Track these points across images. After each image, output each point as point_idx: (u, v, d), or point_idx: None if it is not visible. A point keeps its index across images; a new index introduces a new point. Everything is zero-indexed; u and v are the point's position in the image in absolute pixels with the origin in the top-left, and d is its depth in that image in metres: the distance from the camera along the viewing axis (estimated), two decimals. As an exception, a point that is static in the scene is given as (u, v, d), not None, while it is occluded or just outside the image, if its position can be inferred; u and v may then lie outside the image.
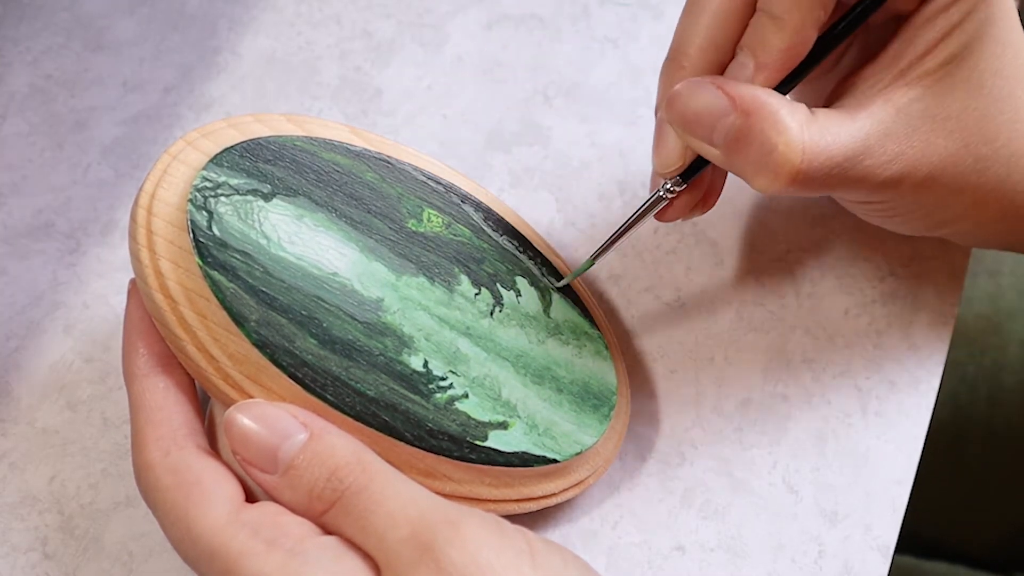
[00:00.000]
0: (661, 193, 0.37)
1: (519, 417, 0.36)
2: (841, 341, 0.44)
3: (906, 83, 0.36)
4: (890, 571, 0.40)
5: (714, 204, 0.39)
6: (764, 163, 0.34)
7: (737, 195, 0.46)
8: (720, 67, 0.36)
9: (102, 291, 0.43)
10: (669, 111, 0.35)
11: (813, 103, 0.38)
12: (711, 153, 0.35)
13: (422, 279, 0.37)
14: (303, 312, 0.34)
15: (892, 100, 0.36)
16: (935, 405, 0.43)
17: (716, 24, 0.36)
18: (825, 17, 0.34)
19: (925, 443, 0.42)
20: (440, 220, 0.39)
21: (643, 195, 0.46)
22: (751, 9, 0.36)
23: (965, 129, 0.36)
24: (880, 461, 0.41)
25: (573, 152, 0.47)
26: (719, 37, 0.36)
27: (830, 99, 0.38)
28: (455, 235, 0.39)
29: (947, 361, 0.44)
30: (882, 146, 0.35)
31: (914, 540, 0.62)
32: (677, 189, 0.37)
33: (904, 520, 0.41)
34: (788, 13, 0.34)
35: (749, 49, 0.35)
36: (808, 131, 0.34)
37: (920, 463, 0.42)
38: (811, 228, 0.46)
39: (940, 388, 0.43)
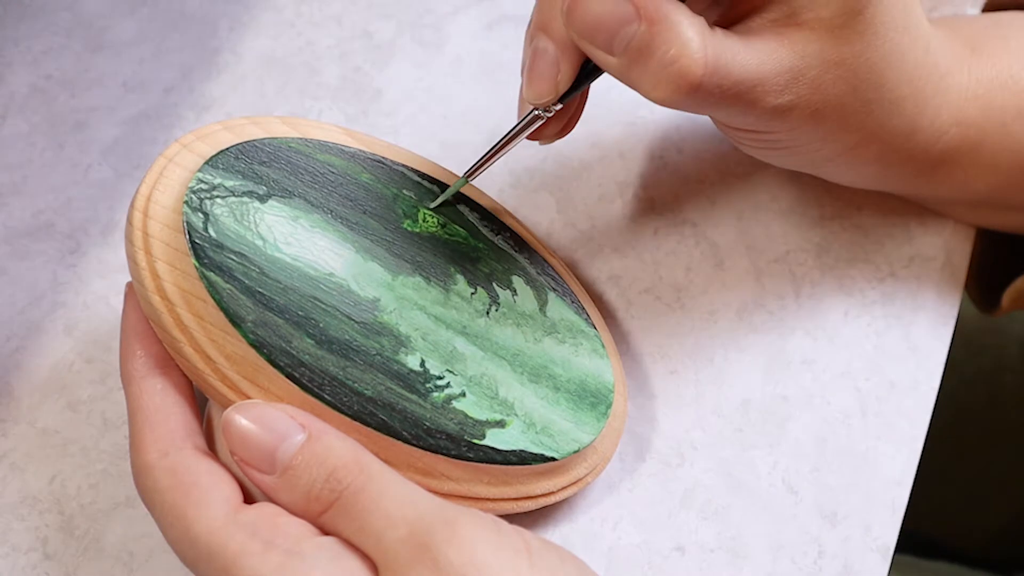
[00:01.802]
0: (539, 112, 0.37)
1: (516, 415, 0.36)
2: (841, 342, 0.44)
3: (800, 26, 0.36)
4: (890, 570, 0.40)
5: (574, 126, 0.39)
6: (664, 74, 0.34)
7: (737, 196, 0.46)
8: None
9: (102, 291, 0.43)
10: (570, 17, 0.34)
11: None
12: (608, 62, 0.34)
13: (418, 279, 0.37)
14: (300, 312, 0.35)
15: (787, 38, 0.36)
16: (935, 406, 0.43)
17: None
18: None
19: (925, 443, 0.42)
20: (435, 220, 0.39)
21: (642, 196, 0.46)
22: None
23: (855, 75, 0.37)
24: (880, 462, 0.41)
25: (573, 153, 0.47)
26: None
27: (719, 24, 0.38)
28: (451, 235, 0.39)
29: (946, 361, 0.44)
30: (776, 76, 0.36)
31: (914, 539, 0.62)
32: (555, 108, 0.36)
33: (904, 520, 0.41)
34: None
35: None
36: (710, 46, 0.34)
37: (920, 463, 0.42)
38: (811, 229, 0.46)
39: (939, 388, 0.43)
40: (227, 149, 0.37)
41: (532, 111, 0.37)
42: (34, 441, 0.40)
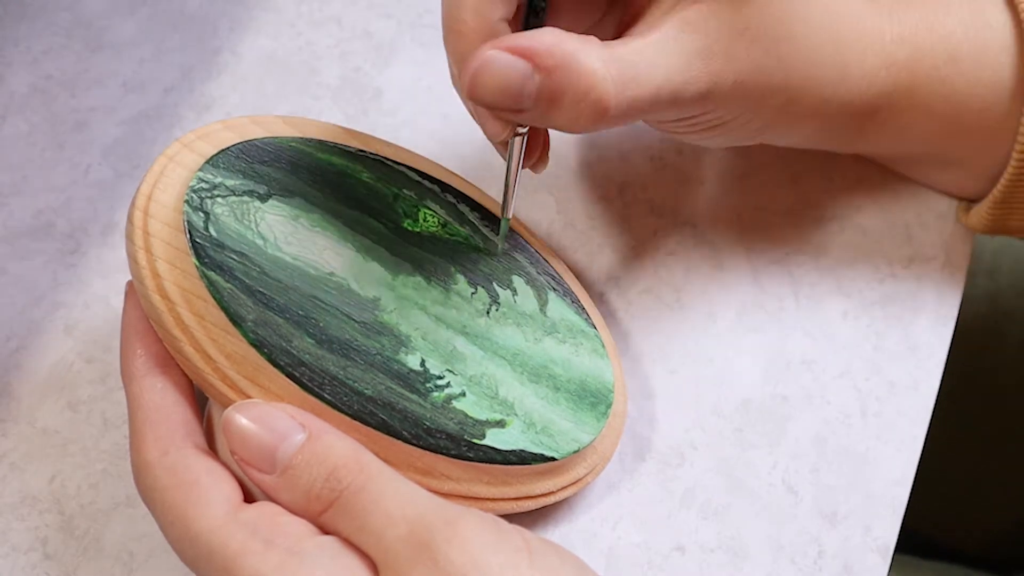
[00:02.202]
0: (517, 140, 0.36)
1: (516, 415, 0.36)
2: (840, 342, 0.44)
3: (697, 3, 0.36)
4: (890, 570, 0.40)
5: (547, 155, 0.39)
6: (579, 112, 0.33)
7: (736, 197, 0.46)
8: (491, 17, 0.35)
9: (103, 291, 0.43)
10: (475, 98, 0.33)
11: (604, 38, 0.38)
12: (523, 118, 0.34)
13: (419, 278, 0.37)
14: (300, 312, 0.35)
15: (686, 19, 0.36)
16: (935, 406, 0.43)
17: None
18: None
19: (925, 443, 0.42)
20: (436, 220, 0.39)
21: (642, 197, 0.46)
22: None
23: (764, 34, 0.37)
24: (879, 462, 0.41)
25: (573, 153, 0.47)
26: None
27: (619, 31, 0.38)
28: (451, 234, 0.39)
29: (946, 361, 0.44)
30: (685, 64, 0.35)
31: (914, 539, 0.62)
32: (522, 130, 0.36)
33: (904, 520, 0.41)
34: None
35: None
36: (612, 68, 0.33)
37: (920, 463, 0.42)
38: (810, 230, 0.46)
39: (939, 388, 0.43)
40: (228, 148, 0.37)
41: (514, 137, 0.37)
42: (34, 441, 0.40)
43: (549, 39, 0.33)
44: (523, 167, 0.38)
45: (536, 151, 0.38)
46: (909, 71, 0.41)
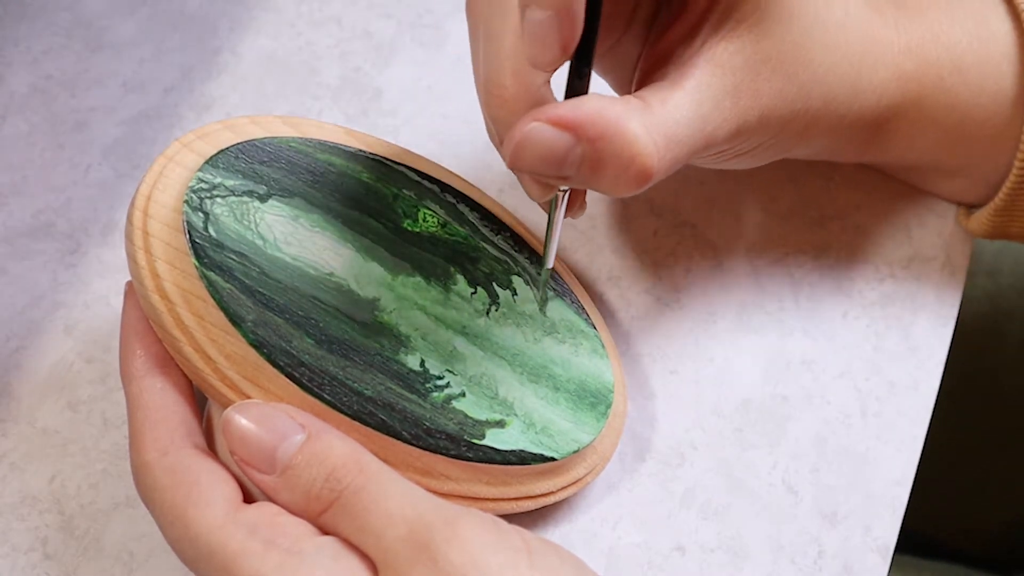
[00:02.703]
0: (559, 195, 0.36)
1: (516, 415, 0.36)
2: (840, 342, 0.44)
3: (723, 37, 0.36)
4: (890, 570, 0.40)
5: (585, 202, 0.38)
6: (625, 178, 0.33)
7: (736, 197, 0.46)
8: (532, 82, 0.34)
9: (103, 291, 0.43)
10: (518, 168, 0.33)
11: (622, 71, 0.38)
12: (568, 183, 0.34)
13: (418, 279, 0.37)
14: (300, 312, 0.35)
15: (715, 59, 0.36)
16: (935, 406, 0.43)
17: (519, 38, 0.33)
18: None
19: (925, 443, 0.42)
20: (435, 220, 0.39)
21: (642, 197, 0.46)
22: None
23: (784, 63, 0.37)
24: (879, 462, 0.41)
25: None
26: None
27: (645, 67, 0.38)
28: (451, 235, 0.39)
29: (946, 361, 0.44)
30: (718, 109, 0.36)
31: (914, 540, 0.62)
32: (565, 188, 0.36)
33: (904, 520, 0.41)
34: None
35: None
36: (654, 131, 0.33)
37: (920, 463, 0.42)
38: (810, 230, 0.46)
39: (939, 388, 0.43)
40: (227, 148, 0.37)
41: (556, 195, 0.36)
42: (34, 441, 0.40)
43: (591, 108, 0.32)
44: (574, 213, 0.38)
45: (577, 201, 0.38)
46: (917, 82, 0.41)
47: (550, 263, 0.38)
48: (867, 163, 0.45)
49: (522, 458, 0.36)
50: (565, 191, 0.36)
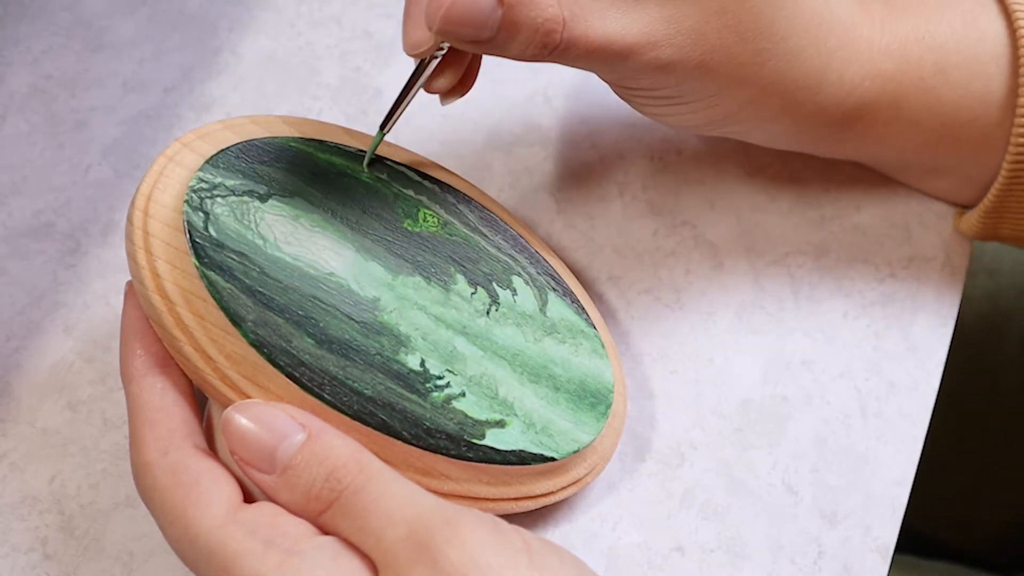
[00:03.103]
0: (433, 61, 0.37)
1: (516, 415, 0.36)
2: (840, 342, 0.44)
3: None
4: (890, 570, 0.40)
5: (472, 85, 0.39)
6: (533, 42, 0.35)
7: (736, 197, 0.46)
8: None
9: (102, 291, 0.43)
10: (443, 29, 0.34)
11: None
12: (481, 48, 0.35)
13: (418, 278, 0.37)
14: (300, 312, 0.35)
15: None
16: (935, 406, 0.43)
17: None
18: None
19: (924, 443, 0.42)
20: (436, 220, 0.39)
21: (642, 197, 0.46)
22: None
23: (741, 23, 0.37)
24: (879, 462, 0.41)
25: (573, 153, 0.47)
26: None
27: None
28: (451, 235, 0.39)
29: (946, 361, 0.44)
30: (646, 26, 0.36)
31: (914, 539, 0.62)
32: (441, 53, 0.37)
33: (904, 519, 0.41)
34: None
35: None
36: (567, 5, 0.35)
37: (920, 463, 0.42)
38: (810, 230, 0.46)
39: (939, 388, 0.43)
40: (228, 148, 0.37)
41: (422, 62, 0.37)
42: (34, 441, 0.40)
43: None
44: (439, 92, 0.38)
45: (455, 77, 0.39)
46: (895, 82, 0.41)
47: (388, 129, 0.39)
48: (845, 158, 0.45)
49: (522, 458, 0.36)
50: (436, 58, 0.37)
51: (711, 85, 0.38)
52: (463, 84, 0.39)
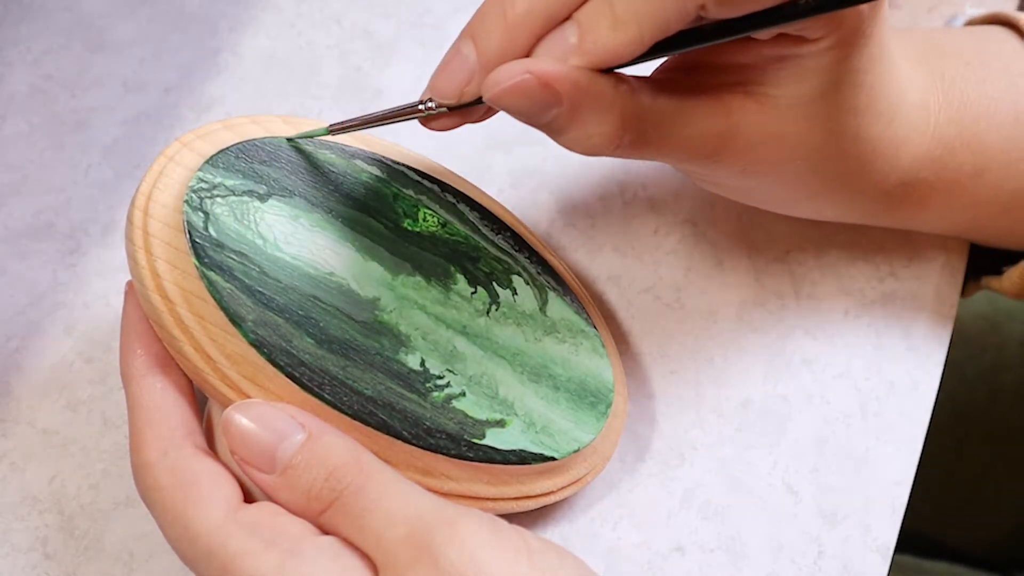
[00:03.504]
0: (422, 107, 0.35)
1: (516, 415, 0.36)
2: (841, 342, 0.44)
3: (748, 95, 0.35)
4: (890, 570, 0.40)
5: (488, 117, 0.37)
6: (582, 145, 0.34)
7: (737, 195, 0.46)
8: (545, 26, 0.33)
9: (102, 291, 0.43)
10: (498, 101, 0.33)
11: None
12: (527, 123, 0.34)
13: (418, 278, 0.37)
14: (300, 312, 0.35)
15: (727, 103, 0.35)
16: (935, 406, 0.43)
17: None
18: (666, 36, 0.32)
19: (924, 443, 0.42)
20: (435, 219, 0.39)
21: (642, 196, 0.46)
22: None
23: (825, 128, 0.36)
24: (879, 462, 0.41)
25: (573, 153, 0.47)
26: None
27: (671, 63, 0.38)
28: (451, 234, 0.39)
29: (946, 361, 0.44)
30: (731, 135, 0.35)
31: (914, 540, 0.62)
32: (437, 111, 0.35)
33: (904, 520, 0.41)
34: (630, 22, 0.32)
35: (579, 28, 0.32)
36: (632, 125, 0.34)
37: (919, 463, 0.42)
38: (811, 229, 0.46)
39: (939, 388, 0.43)
40: (228, 148, 0.37)
41: (416, 105, 0.35)
42: (34, 441, 0.40)
43: (582, 78, 0.32)
44: (437, 128, 0.36)
45: (458, 121, 0.36)
46: (955, 162, 0.40)
47: (333, 128, 0.37)
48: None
49: (522, 458, 0.36)
50: (427, 112, 0.35)
51: (784, 180, 0.38)
52: (465, 122, 0.37)
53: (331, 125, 0.38)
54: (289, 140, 0.38)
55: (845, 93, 0.36)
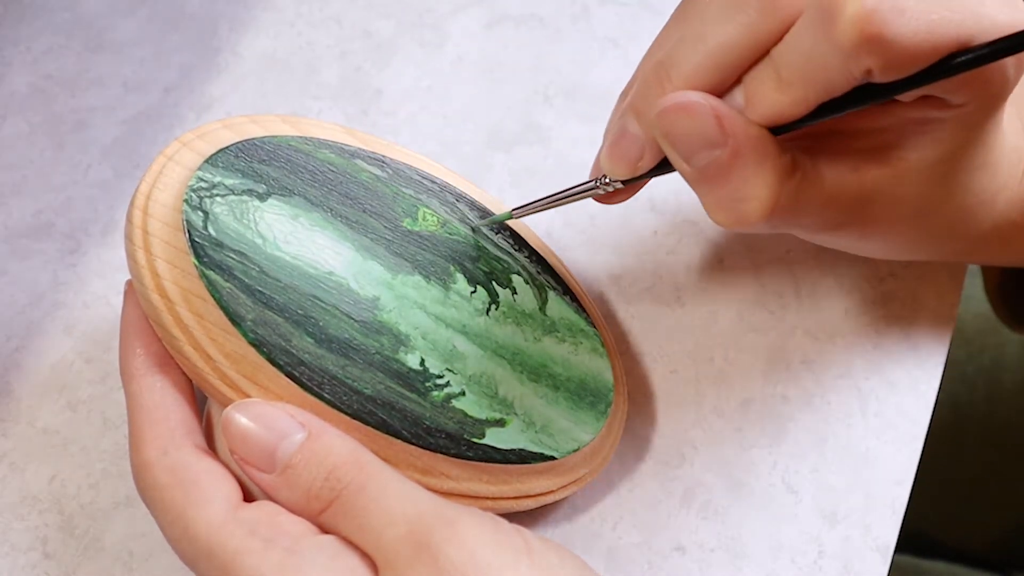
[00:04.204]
0: (597, 185, 0.36)
1: (516, 414, 0.36)
2: (841, 342, 0.44)
3: (883, 160, 0.35)
4: (890, 570, 0.40)
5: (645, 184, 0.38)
6: (729, 207, 0.33)
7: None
8: (709, 92, 0.34)
9: (102, 291, 0.43)
10: (661, 120, 0.32)
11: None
12: (683, 168, 0.33)
13: (418, 277, 0.37)
14: (299, 311, 0.35)
15: (861, 169, 0.35)
16: (935, 406, 0.43)
17: (723, 52, 0.33)
18: (830, 97, 0.32)
19: (924, 443, 0.42)
20: (435, 219, 0.39)
21: (642, 196, 0.46)
22: (762, 52, 0.33)
23: (952, 187, 0.36)
24: (880, 462, 0.41)
25: (573, 152, 0.47)
26: (721, 66, 0.33)
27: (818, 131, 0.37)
28: (450, 234, 0.39)
29: (946, 361, 0.44)
30: (862, 196, 0.35)
31: (914, 539, 0.62)
32: (616, 186, 0.36)
33: (904, 519, 0.41)
34: (795, 83, 0.32)
35: (745, 93, 0.33)
36: (784, 195, 0.33)
37: (919, 463, 0.42)
38: (811, 228, 0.46)
39: (939, 388, 0.43)
40: (227, 147, 0.37)
41: (594, 183, 0.36)
42: (34, 441, 0.40)
43: (753, 130, 0.32)
44: (613, 203, 0.38)
45: (630, 193, 0.38)
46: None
47: (517, 213, 0.39)
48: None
49: (522, 457, 0.36)
50: (604, 189, 0.36)
51: (891, 236, 0.37)
52: (631, 195, 0.38)
53: (514, 210, 0.39)
54: (474, 229, 0.39)
55: (973, 152, 0.35)
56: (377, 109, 0.48)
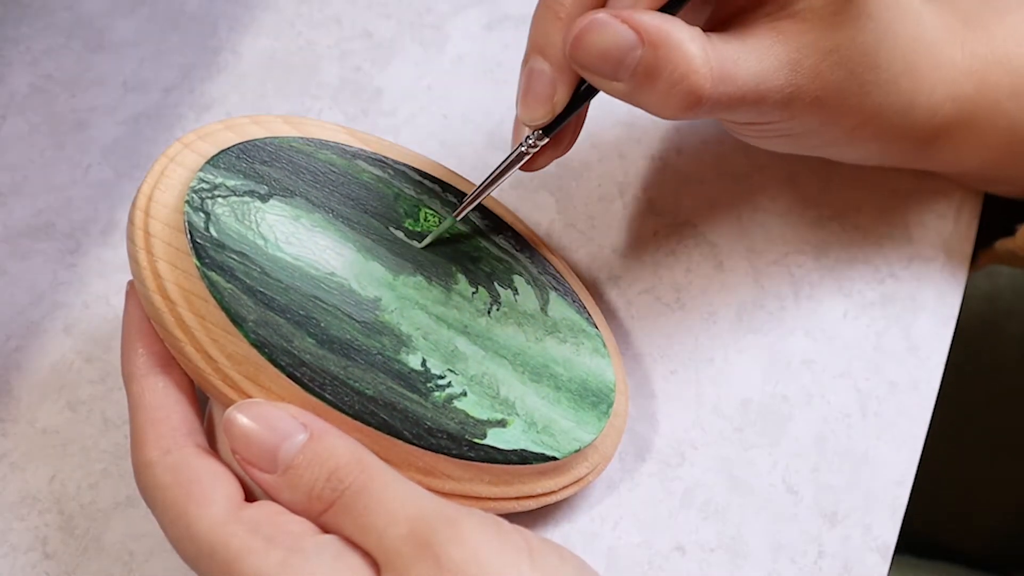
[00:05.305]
0: (523, 148, 0.37)
1: (517, 415, 0.36)
2: (841, 342, 0.44)
3: (793, 18, 0.36)
4: (890, 570, 0.40)
5: (572, 145, 0.39)
6: (673, 93, 0.34)
7: (736, 197, 0.46)
8: (596, 5, 0.35)
9: (102, 291, 0.43)
10: (574, 51, 0.34)
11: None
12: (614, 88, 0.34)
13: (419, 278, 0.37)
14: (301, 312, 0.35)
15: (782, 31, 0.36)
16: (935, 406, 0.43)
17: None
18: None
19: (924, 443, 0.42)
20: (437, 220, 0.39)
21: (642, 197, 0.46)
22: None
23: (851, 60, 0.37)
24: (880, 462, 0.41)
25: (573, 153, 0.47)
26: None
27: (711, 22, 0.38)
28: (452, 234, 0.39)
29: (946, 361, 0.44)
30: (776, 71, 0.36)
31: (914, 540, 0.62)
32: (540, 144, 0.37)
33: (904, 520, 0.41)
34: None
35: None
36: (713, 58, 0.34)
37: (920, 463, 0.42)
38: (810, 230, 0.46)
39: (939, 388, 0.43)
40: (228, 148, 0.37)
41: (517, 149, 0.37)
42: (34, 441, 0.40)
43: (657, 19, 0.33)
44: (537, 168, 0.38)
45: (555, 151, 0.38)
46: (973, 104, 0.41)
47: (459, 215, 0.39)
48: (912, 168, 0.46)
49: (524, 457, 0.36)
50: (537, 148, 0.37)
51: (820, 117, 0.39)
52: (558, 154, 0.39)
53: (455, 214, 0.39)
54: (423, 247, 0.38)
55: (868, 38, 0.37)
56: (377, 109, 0.48)
